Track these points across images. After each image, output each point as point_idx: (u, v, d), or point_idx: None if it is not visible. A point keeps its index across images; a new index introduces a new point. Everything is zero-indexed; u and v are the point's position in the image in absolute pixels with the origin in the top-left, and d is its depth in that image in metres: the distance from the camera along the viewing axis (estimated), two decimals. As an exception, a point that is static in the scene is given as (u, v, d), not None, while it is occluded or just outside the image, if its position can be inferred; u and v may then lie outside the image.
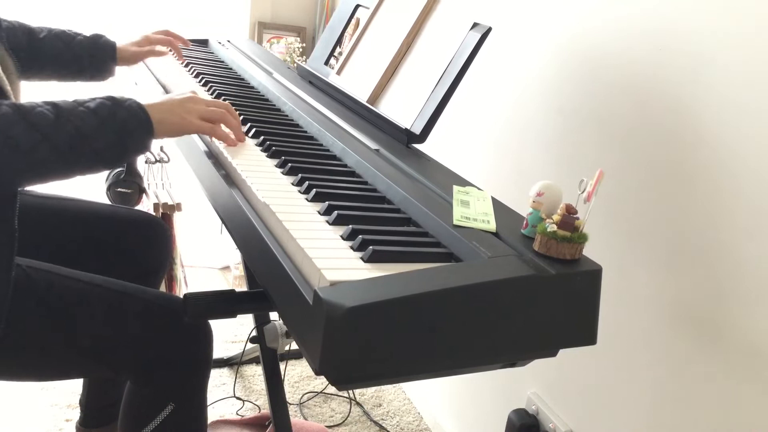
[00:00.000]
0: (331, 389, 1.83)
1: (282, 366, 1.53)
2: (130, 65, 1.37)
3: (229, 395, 1.76)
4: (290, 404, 1.72)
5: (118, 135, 0.86)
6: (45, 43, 1.22)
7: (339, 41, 1.39)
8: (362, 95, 1.19)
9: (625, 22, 1.10)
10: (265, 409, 1.69)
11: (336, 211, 0.79)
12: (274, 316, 1.54)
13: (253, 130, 1.08)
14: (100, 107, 0.85)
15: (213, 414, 1.63)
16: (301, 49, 2.29)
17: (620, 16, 1.11)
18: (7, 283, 0.88)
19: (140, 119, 0.88)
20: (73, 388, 1.65)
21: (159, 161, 1.74)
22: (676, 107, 1.00)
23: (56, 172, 0.84)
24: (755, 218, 0.89)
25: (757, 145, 0.88)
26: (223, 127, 0.99)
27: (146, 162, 1.73)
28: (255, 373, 1.89)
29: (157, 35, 1.40)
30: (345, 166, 1.01)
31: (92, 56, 1.27)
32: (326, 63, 1.39)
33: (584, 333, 0.76)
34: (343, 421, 1.72)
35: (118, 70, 1.36)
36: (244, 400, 1.75)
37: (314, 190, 0.86)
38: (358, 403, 1.80)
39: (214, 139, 0.99)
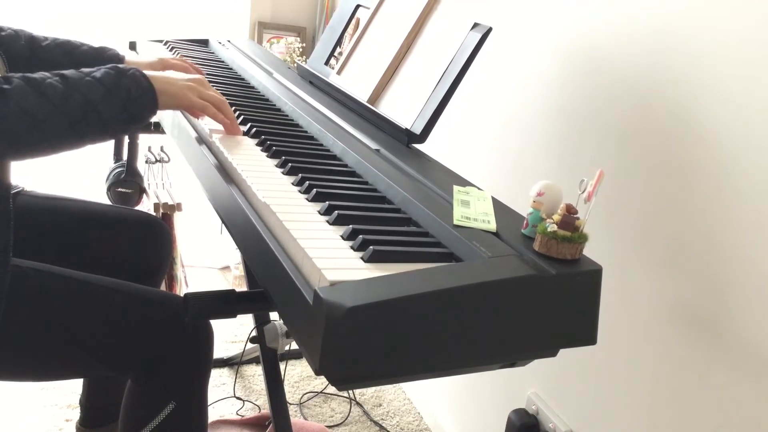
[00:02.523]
0: (331, 389, 1.83)
1: (282, 366, 1.53)
2: None
3: (229, 395, 1.76)
4: (290, 404, 1.72)
5: (123, 103, 0.89)
6: (47, 51, 1.20)
7: (339, 41, 1.39)
8: (362, 95, 1.19)
9: (625, 23, 1.10)
10: (265, 409, 1.69)
11: (336, 211, 0.79)
12: (274, 316, 1.54)
13: (254, 129, 1.08)
14: (105, 76, 0.89)
15: (213, 414, 1.63)
16: (301, 49, 2.29)
17: (620, 17, 1.11)
18: (4, 267, 0.89)
19: (144, 87, 0.92)
20: (73, 388, 1.65)
21: (159, 161, 1.74)
22: (676, 108, 1.00)
23: (67, 141, 0.87)
24: (755, 218, 0.89)
25: (756, 145, 0.88)
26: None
27: (146, 162, 1.73)
28: (255, 373, 1.89)
29: (174, 60, 1.32)
30: (345, 166, 1.01)
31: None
32: (326, 63, 1.39)
33: (584, 333, 0.76)
34: (343, 421, 1.72)
35: None
36: (244, 400, 1.75)
37: (314, 189, 0.86)
38: (358, 403, 1.80)
39: (214, 139, 0.99)
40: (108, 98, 0.87)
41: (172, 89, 0.96)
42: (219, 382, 1.81)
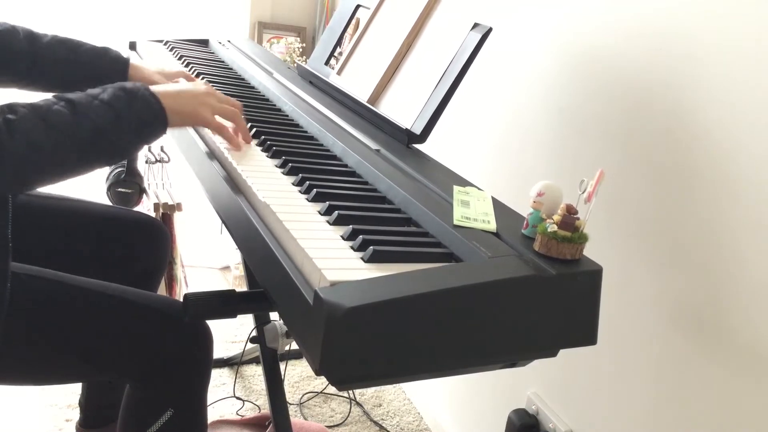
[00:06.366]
0: (331, 389, 1.83)
1: (282, 366, 1.53)
2: None
3: (229, 395, 1.76)
4: (290, 404, 1.72)
5: (135, 127, 0.86)
6: (49, 48, 1.15)
7: (339, 41, 1.39)
8: (363, 95, 1.19)
9: (625, 24, 1.10)
10: (265, 409, 1.69)
11: (336, 211, 0.79)
12: (274, 316, 1.54)
13: (254, 130, 1.08)
14: (114, 99, 0.85)
15: (213, 414, 1.63)
16: (301, 49, 2.29)
17: (620, 18, 1.11)
18: (2, 294, 0.87)
19: (155, 110, 0.88)
20: (73, 389, 1.65)
21: (159, 161, 1.74)
22: (676, 108, 1.00)
23: (76, 169, 0.84)
24: (754, 217, 0.89)
25: (756, 145, 0.88)
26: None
27: (146, 162, 1.73)
28: (255, 373, 1.89)
29: (174, 71, 1.29)
30: (345, 166, 1.01)
31: (100, 67, 1.19)
32: (326, 63, 1.39)
33: (584, 333, 0.76)
34: (343, 421, 1.72)
35: None
36: (244, 400, 1.75)
37: (315, 190, 0.86)
38: (358, 403, 1.80)
39: (215, 139, 0.99)
40: (118, 123, 0.84)
41: (185, 109, 0.92)
42: (219, 382, 1.81)
